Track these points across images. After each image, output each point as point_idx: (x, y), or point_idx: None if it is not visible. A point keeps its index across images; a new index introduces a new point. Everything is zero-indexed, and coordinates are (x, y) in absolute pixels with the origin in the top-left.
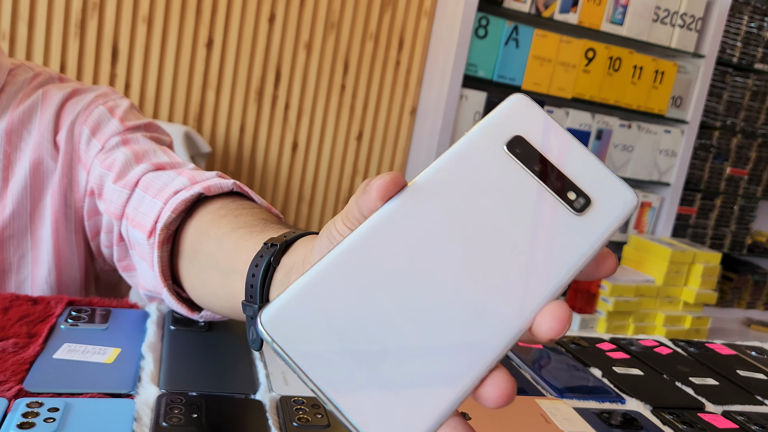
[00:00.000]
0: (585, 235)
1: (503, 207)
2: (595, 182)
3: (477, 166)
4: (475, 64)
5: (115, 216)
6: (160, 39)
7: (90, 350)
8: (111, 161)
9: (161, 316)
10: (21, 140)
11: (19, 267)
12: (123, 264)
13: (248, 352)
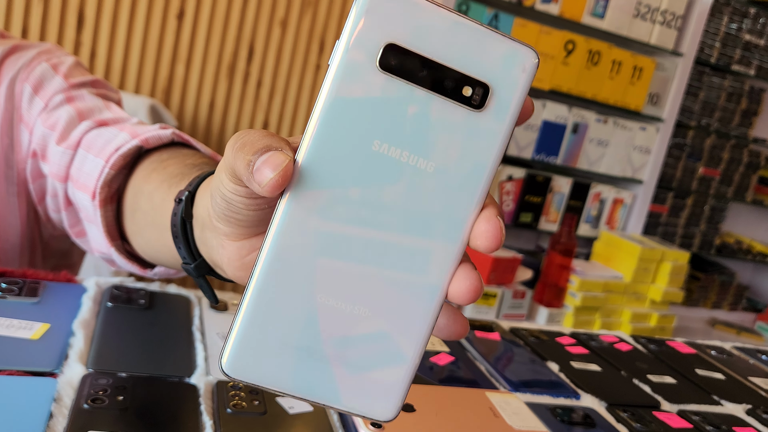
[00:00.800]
0: (496, 123)
1: (404, 139)
2: (487, 59)
3: (359, 105)
4: None
5: (60, 178)
6: (129, 7)
7: (16, 324)
8: (54, 120)
9: (99, 292)
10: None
11: None
12: (75, 230)
13: (188, 333)
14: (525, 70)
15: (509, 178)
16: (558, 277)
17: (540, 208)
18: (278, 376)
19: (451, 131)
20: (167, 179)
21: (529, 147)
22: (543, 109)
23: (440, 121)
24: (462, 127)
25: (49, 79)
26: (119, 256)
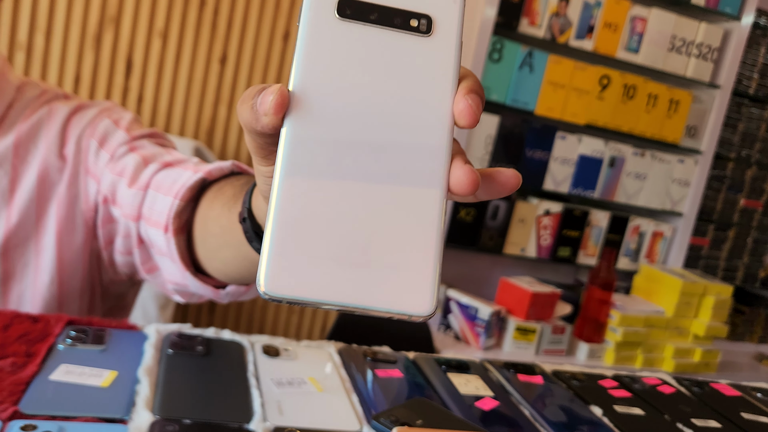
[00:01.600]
0: (445, 42)
1: (377, 67)
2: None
3: (331, 49)
4: (488, 87)
5: (132, 218)
6: (175, 53)
7: (87, 372)
8: (122, 167)
9: (159, 339)
10: (28, 153)
11: (22, 275)
12: (147, 266)
13: (244, 380)
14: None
15: (546, 212)
16: (598, 311)
17: (578, 242)
18: (313, 288)
19: (412, 53)
20: (227, 202)
21: (566, 181)
22: (579, 143)
23: (401, 48)
24: (421, 49)
25: (113, 134)
26: (194, 279)
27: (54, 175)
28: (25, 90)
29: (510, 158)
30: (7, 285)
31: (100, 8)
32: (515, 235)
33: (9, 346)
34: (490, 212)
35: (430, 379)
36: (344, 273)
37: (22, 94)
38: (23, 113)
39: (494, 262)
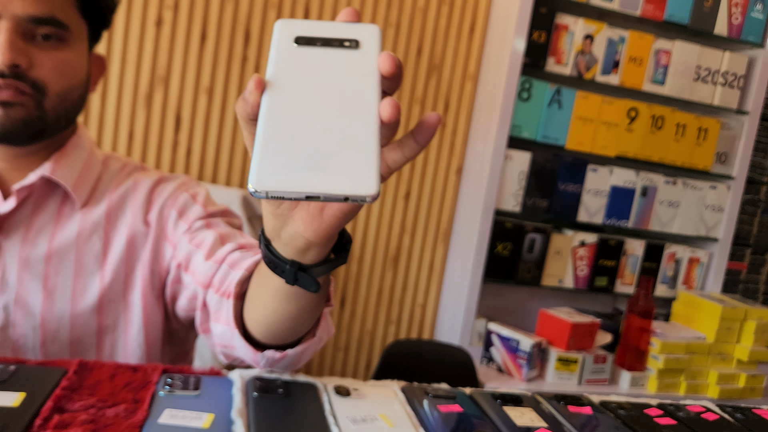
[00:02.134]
0: (369, 51)
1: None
2: (354, 32)
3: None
4: (519, 125)
5: (203, 285)
6: (220, 108)
7: (188, 416)
8: (200, 240)
9: (243, 383)
10: (117, 220)
11: (114, 328)
12: (203, 327)
13: (323, 418)
14: (374, 31)
15: (582, 243)
16: (638, 339)
17: (615, 271)
18: (286, 184)
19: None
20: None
21: (599, 212)
22: (610, 175)
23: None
24: (353, 57)
25: (190, 207)
26: (240, 338)
27: (140, 239)
28: (109, 163)
29: (543, 192)
30: (102, 337)
31: (150, 70)
32: (552, 266)
33: (118, 394)
34: (526, 246)
35: (488, 412)
36: (309, 171)
37: (107, 167)
38: (110, 185)
39: (532, 294)
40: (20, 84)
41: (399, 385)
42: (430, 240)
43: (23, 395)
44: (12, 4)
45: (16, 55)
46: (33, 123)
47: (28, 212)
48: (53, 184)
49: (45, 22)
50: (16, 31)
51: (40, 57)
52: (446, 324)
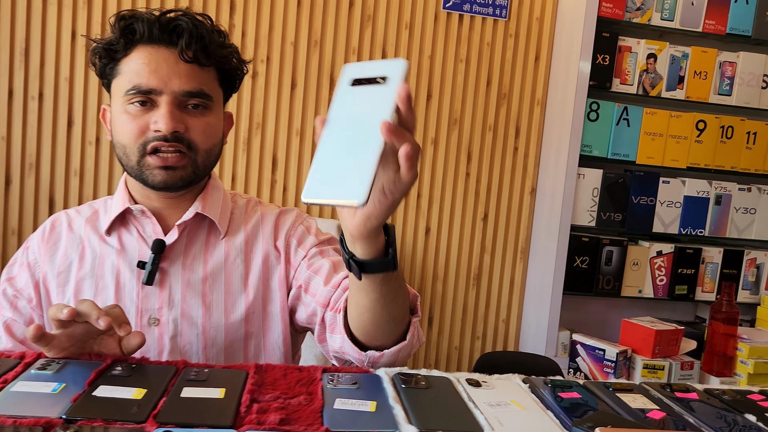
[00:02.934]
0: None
1: (367, 101)
2: (385, 69)
3: (350, 97)
4: (589, 145)
5: (323, 305)
6: (311, 148)
7: (357, 403)
8: (318, 267)
9: (389, 378)
10: (254, 246)
11: (257, 334)
12: (320, 338)
13: (464, 404)
14: (400, 64)
15: (659, 253)
16: (725, 345)
17: (694, 279)
18: (313, 195)
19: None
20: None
21: (674, 223)
22: (683, 186)
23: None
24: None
25: (306, 237)
26: (349, 342)
27: (273, 261)
28: (236, 199)
29: (616, 207)
30: (248, 341)
31: (248, 117)
32: (631, 277)
33: (294, 388)
34: (603, 258)
35: (603, 398)
36: (327, 185)
37: (236, 203)
38: (242, 217)
39: (611, 305)
40: (180, 146)
41: (520, 378)
42: (509, 258)
43: (224, 390)
44: (171, 82)
45: (176, 123)
46: (189, 177)
47: (184, 243)
48: (202, 218)
49: (195, 95)
50: (174, 104)
51: (192, 122)
52: (530, 337)
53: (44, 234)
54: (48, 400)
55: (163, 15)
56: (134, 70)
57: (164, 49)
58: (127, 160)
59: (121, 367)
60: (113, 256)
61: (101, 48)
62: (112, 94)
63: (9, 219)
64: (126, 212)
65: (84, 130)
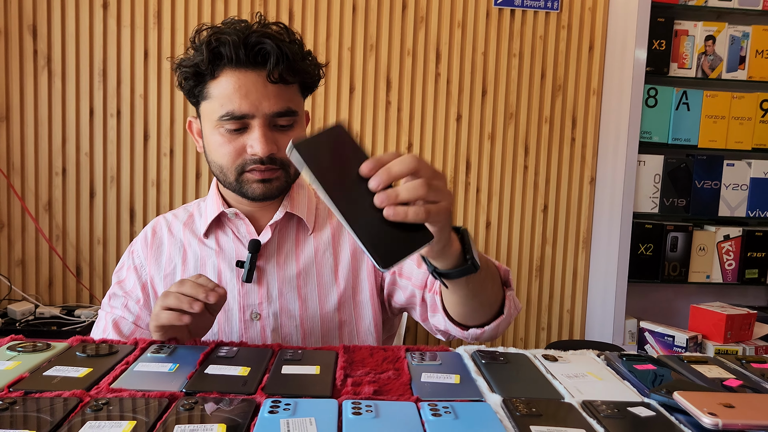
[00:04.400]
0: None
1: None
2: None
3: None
4: (648, 132)
5: (420, 287)
6: (370, 145)
7: (443, 377)
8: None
9: (469, 356)
10: (340, 239)
11: (349, 322)
12: (423, 317)
13: (543, 376)
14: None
15: (726, 237)
16: None
17: (765, 262)
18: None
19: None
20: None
21: (741, 206)
22: (749, 167)
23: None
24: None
25: None
26: (450, 322)
27: (359, 252)
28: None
29: (680, 192)
30: (342, 329)
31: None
32: (698, 263)
33: (381, 365)
34: (668, 245)
35: (678, 369)
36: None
37: (318, 199)
38: (326, 212)
39: (678, 292)
40: (274, 166)
41: (595, 352)
42: (571, 248)
43: (319, 367)
44: (262, 105)
45: (270, 146)
46: (283, 187)
47: (276, 241)
48: (290, 216)
49: (284, 114)
50: (266, 125)
51: (281, 140)
52: (596, 326)
53: (146, 239)
54: (167, 377)
55: (247, 37)
56: (225, 95)
57: (252, 73)
58: (224, 178)
59: (225, 349)
60: (213, 257)
61: (189, 71)
62: (202, 114)
63: (94, 229)
64: (221, 215)
65: (159, 142)
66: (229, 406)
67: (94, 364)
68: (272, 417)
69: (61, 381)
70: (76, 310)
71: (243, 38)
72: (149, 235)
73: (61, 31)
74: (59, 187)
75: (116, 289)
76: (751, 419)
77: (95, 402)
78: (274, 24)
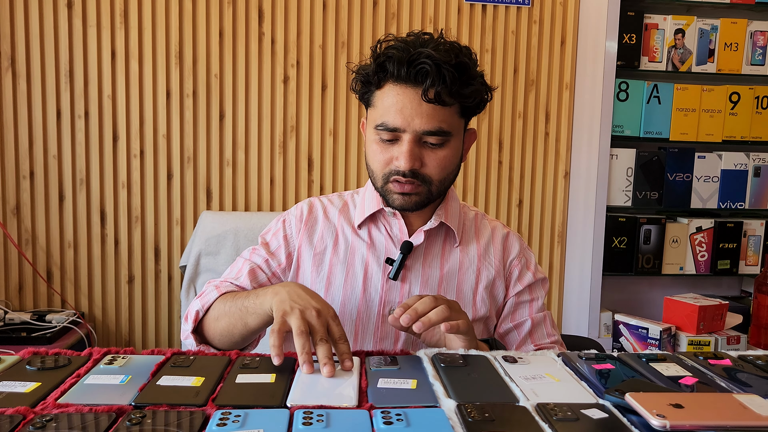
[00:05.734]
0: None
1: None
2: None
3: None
4: (620, 125)
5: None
6: (344, 148)
7: (399, 382)
8: (519, 322)
9: (429, 359)
10: (486, 260)
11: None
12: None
13: (501, 378)
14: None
15: (698, 229)
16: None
17: (737, 253)
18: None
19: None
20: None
21: (712, 197)
22: (720, 160)
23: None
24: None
25: (525, 273)
26: None
27: (498, 278)
28: (465, 211)
29: (652, 185)
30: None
31: (282, 121)
32: (671, 255)
33: None
34: (642, 237)
35: (636, 368)
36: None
37: (465, 215)
38: (473, 229)
39: (653, 284)
40: (416, 180)
41: (555, 353)
42: (546, 241)
43: (274, 375)
44: (413, 122)
45: (413, 162)
46: (422, 202)
47: (424, 245)
48: (441, 225)
49: (434, 133)
50: (415, 141)
51: (428, 157)
52: (572, 320)
53: (302, 214)
54: (117, 390)
55: (411, 54)
56: (385, 106)
57: (410, 89)
58: (374, 180)
59: (180, 359)
60: (363, 248)
61: (362, 78)
62: (368, 117)
63: (65, 232)
64: (378, 212)
65: (128, 144)
66: (178, 419)
67: (44, 378)
68: (220, 430)
69: (5, 397)
70: (47, 315)
71: (408, 55)
72: (305, 212)
73: (24, 31)
74: (27, 190)
75: (261, 247)
76: (699, 420)
77: (39, 419)
78: (451, 42)
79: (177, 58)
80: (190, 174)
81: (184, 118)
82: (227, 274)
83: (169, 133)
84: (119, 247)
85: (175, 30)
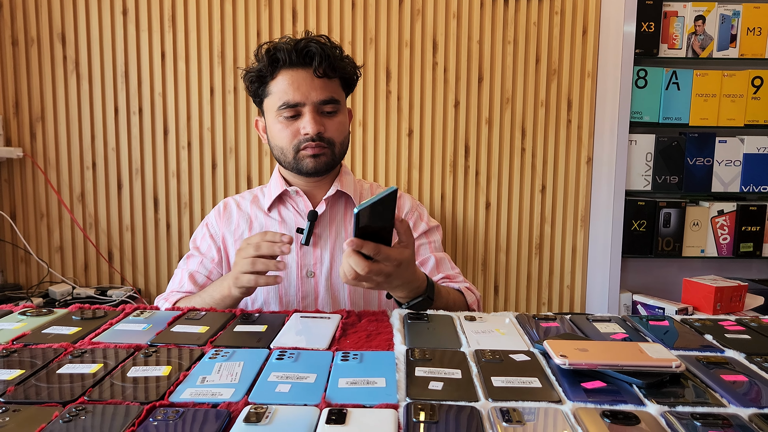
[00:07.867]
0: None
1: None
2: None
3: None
4: (639, 112)
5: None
6: (373, 134)
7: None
8: (424, 259)
9: (401, 317)
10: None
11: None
12: None
13: (456, 332)
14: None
15: (720, 212)
16: None
17: (760, 236)
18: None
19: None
20: None
21: (734, 181)
22: (742, 144)
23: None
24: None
25: (419, 223)
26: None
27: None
28: (362, 183)
29: (672, 169)
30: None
31: None
32: (691, 238)
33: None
34: (662, 221)
35: (581, 327)
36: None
37: (362, 186)
38: (368, 195)
39: (675, 267)
40: (322, 143)
41: (514, 314)
42: (569, 226)
43: (266, 326)
44: (311, 95)
45: (318, 127)
46: (330, 163)
47: (328, 214)
48: (340, 194)
49: (329, 102)
50: (315, 111)
51: (328, 123)
52: (595, 301)
53: (219, 212)
54: (139, 334)
55: (297, 43)
56: (282, 89)
57: (302, 71)
58: (284, 158)
59: (193, 314)
60: (276, 226)
61: (254, 75)
62: (265, 110)
63: (123, 217)
64: (283, 194)
65: (177, 137)
66: (180, 354)
67: (84, 325)
68: (210, 362)
69: (54, 336)
70: (109, 291)
71: (294, 44)
72: (221, 209)
73: (86, 38)
74: (90, 179)
75: (193, 252)
76: (595, 359)
77: (77, 351)
78: (318, 36)
79: (219, 57)
80: (232, 163)
81: (226, 112)
82: (171, 286)
83: (213, 126)
84: (170, 230)
85: (217, 32)
